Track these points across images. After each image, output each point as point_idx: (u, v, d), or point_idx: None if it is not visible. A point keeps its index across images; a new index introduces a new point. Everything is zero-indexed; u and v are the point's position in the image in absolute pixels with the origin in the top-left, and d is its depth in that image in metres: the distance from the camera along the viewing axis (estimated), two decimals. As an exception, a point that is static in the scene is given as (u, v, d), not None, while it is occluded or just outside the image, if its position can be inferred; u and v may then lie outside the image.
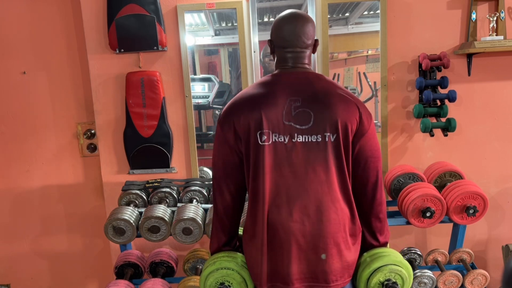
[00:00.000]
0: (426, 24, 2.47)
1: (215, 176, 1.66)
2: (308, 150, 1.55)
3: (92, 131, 2.75)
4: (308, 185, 1.55)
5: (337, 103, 1.55)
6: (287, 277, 1.56)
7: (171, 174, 2.61)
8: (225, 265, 1.66)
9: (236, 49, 2.53)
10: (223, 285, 1.67)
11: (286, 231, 1.54)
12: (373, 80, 2.63)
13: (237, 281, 1.67)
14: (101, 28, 2.49)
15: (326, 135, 1.54)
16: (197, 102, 2.72)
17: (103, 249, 2.91)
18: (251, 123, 1.55)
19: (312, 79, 1.60)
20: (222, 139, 1.62)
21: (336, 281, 1.58)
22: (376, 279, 1.65)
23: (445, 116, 2.49)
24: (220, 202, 1.67)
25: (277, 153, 1.55)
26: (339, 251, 1.57)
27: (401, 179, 2.36)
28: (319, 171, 1.54)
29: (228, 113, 1.61)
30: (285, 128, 1.55)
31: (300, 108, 1.55)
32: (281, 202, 1.55)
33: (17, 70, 2.72)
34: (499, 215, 2.70)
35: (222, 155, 1.64)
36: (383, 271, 1.64)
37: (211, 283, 1.69)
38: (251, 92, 1.61)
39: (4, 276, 2.94)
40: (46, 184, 2.83)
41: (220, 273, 1.67)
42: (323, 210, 1.54)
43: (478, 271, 2.24)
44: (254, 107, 1.56)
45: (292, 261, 1.55)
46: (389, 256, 1.66)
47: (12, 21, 2.67)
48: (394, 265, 1.65)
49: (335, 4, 2.48)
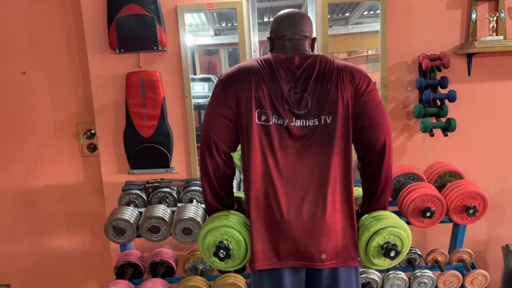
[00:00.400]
0: (426, 24, 2.47)
1: (207, 137, 1.62)
2: (305, 134, 1.57)
3: (92, 131, 2.75)
4: (304, 168, 1.57)
5: (334, 81, 1.57)
6: (282, 255, 1.58)
7: (171, 174, 2.61)
8: (225, 223, 1.62)
9: (236, 49, 2.53)
10: (221, 243, 1.62)
11: (283, 213, 1.56)
12: (373, 80, 2.62)
13: (236, 239, 1.62)
14: (101, 28, 2.49)
15: (322, 118, 1.57)
16: (197, 102, 2.72)
17: (103, 249, 2.91)
18: (253, 99, 1.56)
19: (311, 61, 1.61)
20: (221, 99, 1.60)
21: (331, 260, 1.58)
22: (376, 242, 1.63)
23: (445, 116, 2.49)
24: (211, 165, 1.63)
25: (276, 135, 1.57)
26: (335, 232, 1.58)
27: (401, 179, 2.36)
28: (316, 153, 1.57)
29: (233, 76, 1.60)
30: (284, 111, 1.57)
31: (299, 94, 1.57)
32: (278, 183, 1.56)
33: (17, 70, 2.72)
34: (499, 215, 2.70)
35: (219, 114, 1.60)
36: (382, 234, 1.63)
37: (209, 242, 1.64)
38: (256, 67, 1.60)
39: (4, 276, 2.94)
40: (46, 184, 2.83)
41: (219, 231, 1.61)
42: (319, 193, 1.56)
43: (478, 271, 2.24)
44: (257, 84, 1.57)
45: (287, 241, 1.57)
46: (387, 219, 1.65)
47: (12, 21, 2.67)
48: (393, 227, 1.64)
49: (335, 4, 2.48)
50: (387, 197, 1.70)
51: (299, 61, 1.61)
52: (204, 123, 1.65)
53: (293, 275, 1.61)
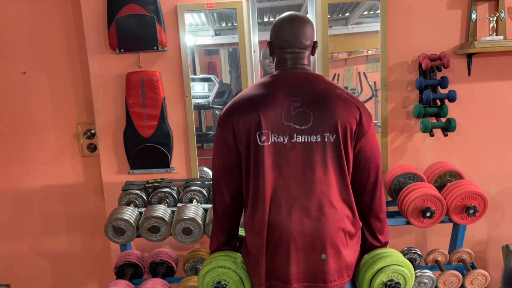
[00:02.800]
0: (426, 24, 2.47)
1: (215, 177, 1.67)
2: (307, 151, 1.55)
3: (92, 131, 2.75)
4: (307, 185, 1.55)
5: (337, 104, 1.55)
6: (286, 277, 1.57)
7: (171, 174, 2.61)
8: (222, 264, 1.67)
9: (236, 49, 2.53)
10: (219, 284, 1.68)
11: (285, 231, 1.54)
12: (373, 80, 2.63)
13: (233, 280, 1.68)
14: (101, 28, 2.49)
15: (326, 135, 1.54)
16: (197, 102, 2.72)
17: (103, 249, 2.91)
18: (251, 124, 1.55)
19: (311, 79, 1.60)
20: (221, 140, 1.63)
21: (334, 281, 1.58)
22: (379, 280, 1.65)
23: (445, 116, 2.49)
24: (220, 202, 1.68)
25: (277, 154, 1.55)
26: (337, 252, 1.57)
27: (401, 179, 2.36)
28: (318, 171, 1.54)
29: (228, 114, 1.62)
30: (284, 128, 1.55)
31: (299, 109, 1.55)
32: (281, 202, 1.55)
33: (17, 70, 2.72)
34: (499, 215, 2.70)
35: (221, 156, 1.64)
36: (386, 272, 1.65)
37: (208, 282, 1.70)
38: (251, 93, 1.61)
39: (4, 276, 2.94)
40: (46, 184, 2.83)
41: (217, 272, 1.67)
42: (322, 211, 1.54)
43: (478, 271, 2.24)
44: (253, 108, 1.56)
45: (291, 261, 1.56)
46: (391, 257, 1.67)
47: (12, 21, 2.67)
48: (397, 265, 1.66)
49: (335, 4, 2.48)
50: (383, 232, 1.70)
51: (300, 77, 1.60)
52: (211, 162, 1.68)
53: None
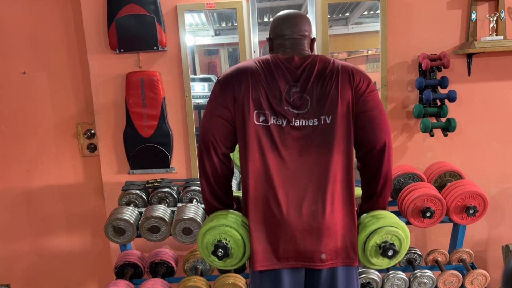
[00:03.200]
0: (426, 24, 2.47)
1: (204, 138, 1.63)
2: (304, 134, 1.57)
3: (92, 131, 2.75)
4: (304, 168, 1.56)
5: (333, 81, 1.57)
6: (282, 255, 1.57)
7: (171, 174, 2.61)
8: (223, 222, 1.63)
9: (236, 49, 2.53)
10: (220, 242, 1.63)
11: (282, 213, 1.55)
12: (373, 80, 2.62)
13: (234, 238, 1.62)
14: (101, 28, 2.49)
15: (322, 117, 1.57)
16: (197, 102, 2.72)
17: (103, 249, 2.91)
18: (251, 100, 1.56)
19: (310, 61, 1.61)
20: (219, 101, 1.61)
21: (331, 260, 1.58)
22: (373, 241, 1.63)
23: (445, 116, 2.49)
24: (209, 166, 1.64)
25: (275, 136, 1.57)
26: (334, 232, 1.57)
27: (401, 179, 2.36)
28: (316, 153, 1.56)
29: (231, 78, 1.60)
30: (283, 111, 1.57)
31: (298, 94, 1.57)
32: (277, 185, 1.56)
33: (17, 70, 2.72)
34: (499, 215, 2.70)
35: (216, 115, 1.61)
36: (379, 233, 1.62)
37: (208, 240, 1.65)
38: (254, 68, 1.60)
39: (4, 276, 2.94)
40: (46, 184, 2.83)
41: (218, 230, 1.62)
42: (320, 193, 1.56)
43: (478, 271, 2.24)
44: (255, 85, 1.57)
45: (287, 241, 1.56)
46: (384, 218, 1.65)
47: (12, 21, 2.67)
48: (390, 227, 1.63)
49: (335, 4, 2.48)
50: (386, 197, 1.70)
51: (299, 61, 1.61)
52: (202, 124, 1.65)
53: (292, 275, 1.60)
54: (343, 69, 1.59)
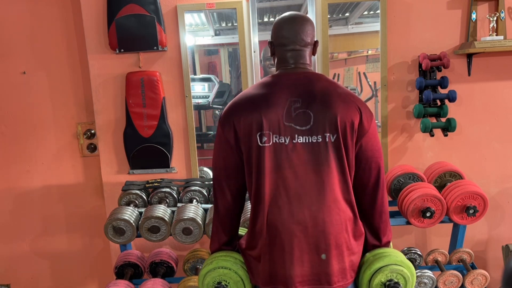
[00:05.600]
0: (426, 24, 2.47)
1: (216, 177, 1.66)
2: (308, 151, 1.55)
3: (92, 131, 2.75)
4: (309, 186, 1.54)
5: (337, 103, 1.55)
6: (289, 280, 1.55)
7: (171, 174, 2.61)
8: (222, 264, 1.67)
9: (236, 49, 2.53)
10: (220, 284, 1.67)
11: (288, 233, 1.54)
12: (373, 80, 2.63)
13: (234, 280, 1.67)
14: (101, 28, 2.49)
15: (326, 135, 1.54)
16: (197, 102, 2.72)
17: (103, 249, 2.91)
18: (252, 124, 1.55)
19: (313, 79, 1.60)
20: (223, 139, 1.62)
21: (338, 282, 1.58)
22: (378, 279, 1.64)
23: (445, 116, 2.49)
24: (221, 202, 1.67)
25: (278, 154, 1.55)
26: (341, 252, 1.57)
27: (401, 179, 2.36)
28: (320, 171, 1.54)
29: (229, 113, 1.61)
30: (285, 129, 1.55)
31: (300, 109, 1.55)
32: (283, 203, 1.55)
33: (17, 70, 2.72)
34: (499, 215, 2.70)
35: (223, 155, 1.64)
36: (384, 272, 1.63)
37: (208, 282, 1.69)
38: (252, 93, 1.61)
39: (4, 276, 2.94)
40: (46, 184, 2.83)
41: (217, 272, 1.67)
42: (324, 211, 1.54)
43: (478, 271, 2.24)
44: (254, 108, 1.56)
45: (294, 263, 1.54)
46: (390, 256, 1.65)
47: (12, 21, 2.67)
48: (396, 265, 1.64)
49: (335, 4, 2.48)
50: (385, 232, 1.69)
51: (301, 77, 1.60)
52: (212, 163, 1.68)
53: None
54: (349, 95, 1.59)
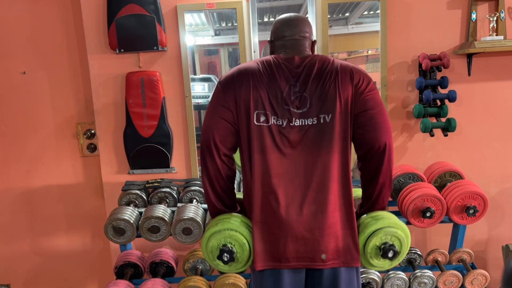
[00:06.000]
0: (426, 24, 2.47)
1: (206, 139, 1.62)
2: (304, 133, 1.58)
3: (92, 131, 2.75)
4: (305, 167, 1.57)
5: (333, 81, 1.57)
6: (283, 256, 1.57)
7: (171, 174, 2.61)
8: (228, 226, 1.62)
9: (236, 49, 2.53)
10: (225, 246, 1.61)
11: (283, 213, 1.55)
12: (373, 80, 2.63)
13: (240, 243, 1.62)
14: (101, 28, 2.49)
15: (321, 116, 1.57)
16: (197, 102, 2.72)
17: (103, 249, 2.91)
18: (252, 100, 1.57)
19: (310, 60, 1.62)
20: (221, 101, 1.61)
21: (332, 260, 1.58)
22: (373, 243, 1.61)
23: (445, 116, 2.49)
24: (211, 167, 1.64)
25: (275, 136, 1.57)
26: (335, 232, 1.57)
27: (401, 179, 2.36)
28: (315, 152, 1.57)
29: (232, 78, 1.61)
30: (283, 111, 1.57)
31: (298, 93, 1.58)
32: (278, 184, 1.56)
33: (17, 70, 2.71)
34: (499, 215, 2.70)
35: (218, 116, 1.61)
36: (379, 235, 1.61)
37: (213, 245, 1.63)
38: (255, 68, 1.61)
39: (4, 276, 2.94)
40: (46, 184, 2.83)
41: (223, 234, 1.60)
42: (319, 192, 1.56)
43: (478, 271, 2.24)
44: (256, 85, 1.58)
45: (288, 241, 1.56)
46: (383, 219, 1.63)
47: (12, 21, 2.67)
48: (389, 227, 1.61)
49: (335, 4, 2.48)
50: (385, 197, 1.69)
51: (299, 60, 1.61)
52: (203, 125, 1.65)
53: (293, 275, 1.60)
54: (342, 68, 1.60)
